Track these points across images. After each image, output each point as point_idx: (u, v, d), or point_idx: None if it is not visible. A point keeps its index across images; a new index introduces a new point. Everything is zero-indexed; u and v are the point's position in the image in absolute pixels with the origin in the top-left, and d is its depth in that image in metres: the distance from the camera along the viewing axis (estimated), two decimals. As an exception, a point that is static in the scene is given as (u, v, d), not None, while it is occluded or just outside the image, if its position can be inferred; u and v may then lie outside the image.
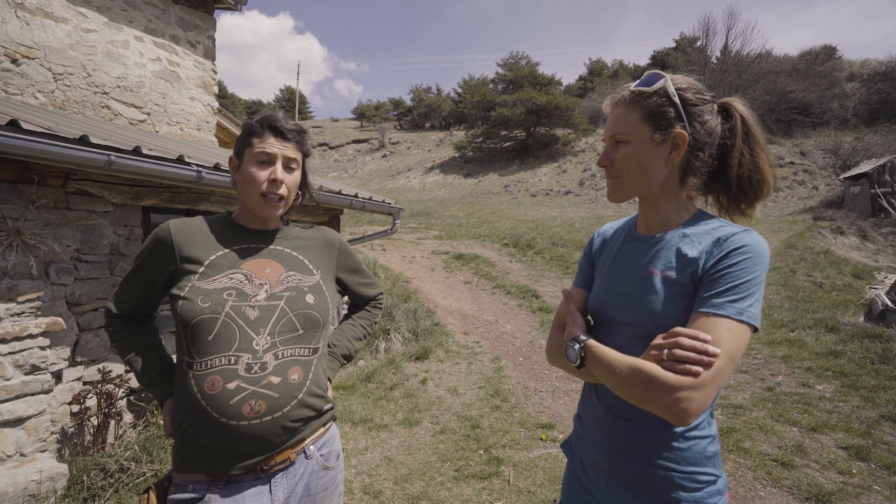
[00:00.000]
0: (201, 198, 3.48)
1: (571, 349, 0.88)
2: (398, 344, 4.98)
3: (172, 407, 1.00)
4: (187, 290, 0.96)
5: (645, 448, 0.85)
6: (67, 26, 4.30)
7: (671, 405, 0.72)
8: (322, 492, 1.05)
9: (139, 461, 2.51)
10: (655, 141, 0.85)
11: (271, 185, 1.03)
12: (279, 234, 1.12)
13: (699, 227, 0.87)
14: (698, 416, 0.73)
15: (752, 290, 0.77)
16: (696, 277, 0.82)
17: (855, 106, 24.09)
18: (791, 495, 2.45)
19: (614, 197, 0.93)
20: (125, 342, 1.09)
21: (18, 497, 2.07)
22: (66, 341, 2.66)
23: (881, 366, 4.16)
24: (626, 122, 0.87)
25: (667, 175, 0.88)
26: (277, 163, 1.03)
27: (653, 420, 0.84)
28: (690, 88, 0.87)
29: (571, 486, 1.02)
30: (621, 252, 0.98)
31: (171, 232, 1.02)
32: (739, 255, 0.78)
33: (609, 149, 0.91)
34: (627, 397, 0.79)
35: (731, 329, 0.74)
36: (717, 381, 0.72)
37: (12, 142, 1.99)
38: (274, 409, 0.94)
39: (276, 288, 1.01)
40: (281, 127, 1.03)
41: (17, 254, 2.39)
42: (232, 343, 0.94)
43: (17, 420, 2.29)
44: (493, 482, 2.60)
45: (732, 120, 0.88)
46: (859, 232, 12.25)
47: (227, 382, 0.92)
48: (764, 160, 0.87)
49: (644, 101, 0.86)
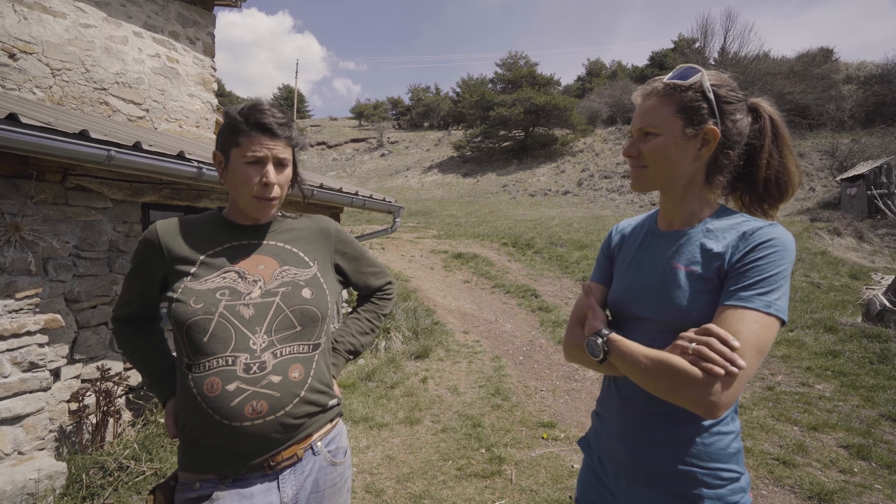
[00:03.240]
0: (201, 194, 3.45)
1: (594, 343, 0.87)
2: (398, 343, 4.96)
3: (175, 408, 0.99)
4: (180, 292, 0.94)
5: (666, 443, 0.84)
6: (66, 21, 4.26)
7: (700, 399, 0.71)
8: (330, 487, 1.04)
9: (139, 459, 2.49)
10: (687, 135, 0.85)
11: (263, 188, 0.98)
12: (271, 228, 1.08)
13: (723, 222, 0.87)
14: (727, 409, 0.72)
15: (779, 284, 0.76)
16: (721, 272, 0.81)
17: (851, 108, 24.20)
18: (793, 494, 2.45)
19: (638, 186, 0.93)
20: (128, 345, 1.09)
21: (17, 495, 2.04)
22: (65, 339, 2.64)
23: (880, 365, 4.17)
24: (658, 115, 0.87)
25: (694, 171, 0.88)
26: (269, 164, 0.98)
27: (675, 414, 0.83)
28: (724, 85, 0.87)
29: (588, 482, 1.01)
30: (642, 248, 0.97)
31: (158, 234, 1.00)
32: (767, 249, 0.78)
33: (637, 139, 0.90)
34: (652, 390, 0.78)
35: (760, 322, 0.74)
36: (747, 375, 0.72)
37: (11, 136, 1.97)
38: (276, 408, 0.92)
39: (270, 284, 0.99)
40: (269, 124, 0.97)
41: (16, 250, 2.37)
42: (228, 343, 0.92)
43: (16, 418, 2.26)
44: (496, 481, 2.59)
45: (762, 121, 0.88)
46: (856, 233, 12.30)
47: (226, 384, 0.90)
48: (792, 161, 0.88)
49: (678, 94, 0.86)
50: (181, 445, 0.96)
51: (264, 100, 1.03)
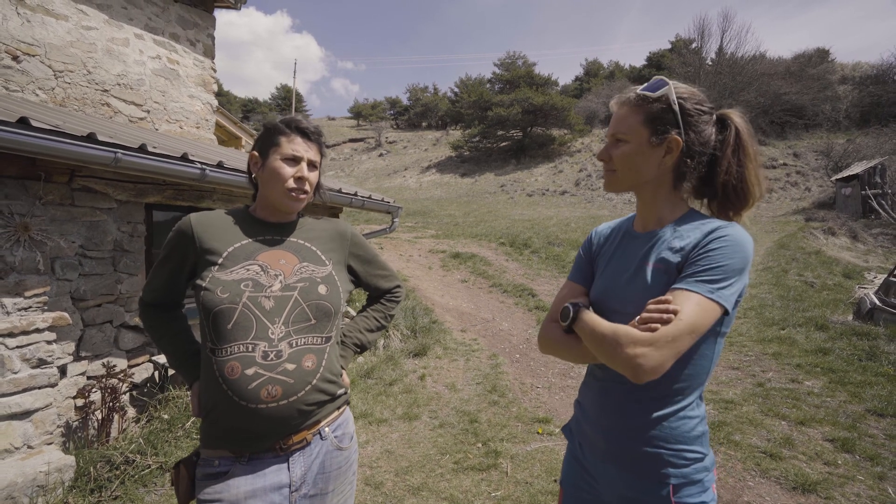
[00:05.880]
0: (203, 195, 3.52)
1: (566, 309, 0.96)
2: (397, 341, 5.03)
3: (199, 390, 1.06)
4: (208, 281, 1.02)
5: (637, 428, 0.92)
6: (68, 23, 4.32)
7: (629, 360, 0.79)
8: (336, 470, 1.11)
9: (144, 454, 2.56)
10: (652, 144, 0.93)
11: (298, 181, 1.11)
12: (293, 226, 1.17)
13: (689, 224, 0.94)
14: (653, 375, 0.79)
15: (727, 275, 0.83)
16: (681, 265, 0.88)
17: (847, 108, 24.37)
18: (779, 485, 2.53)
19: (609, 188, 1.01)
20: (156, 328, 1.16)
21: (28, 487, 2.11)
22: (71, 336, 2.70)
23: (868, 362, 4.27)
24: (627, 123, 0.95)
25: (659, 175, 0.95)
26: (303, 162, 1.12)
27: (646, 402, 0.91)
28: (691, 99, 0.93)
29: (571, 466, 1.08)
30: (619, 249, 1.04)
31: (192, 224, 1.08)
32: (720, 243, 0.85)
33: (610, 145, 0.98)
34: (601, 356, 0.86)
35: (700, 304, 0.80)
36: (675, 345, 0.79)
37: (22, 139, 2.03)
38: (289, 393, 1.00)
39: (290, 279, 1.07)
40: (307, 129, 1.13)
41: (25, 249, 2.43)
42: (249, 331, 0.99)
43: (25, 413, 2.33)
44: (492, 474, 2.67)
45: (727, 131, 0.94)
46: (850, 233, 12.43)
47: (245, 368, 0.97)
48: (751, 172, 0.93)
49: (647, 105, 0.93)
50: (203, 424, 1.04)
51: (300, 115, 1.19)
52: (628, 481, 0.93)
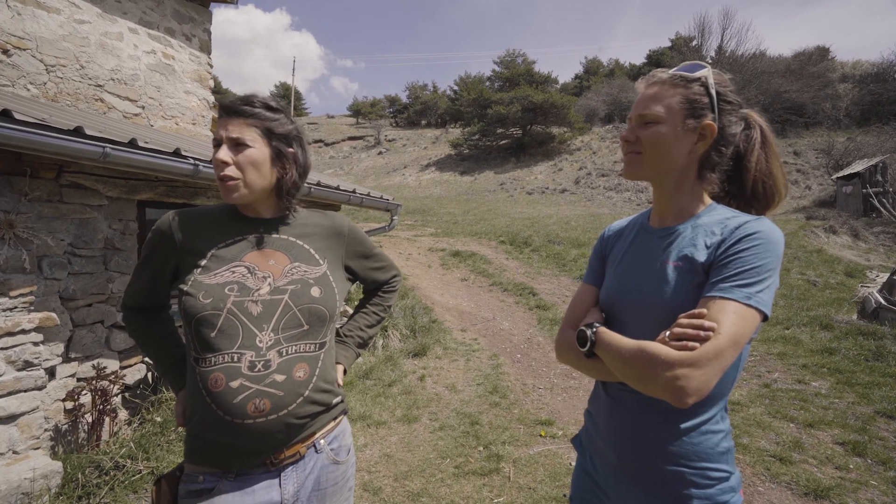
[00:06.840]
0: (197, 192, 3.43)
1: (583, 333, 0.88)
2: (396, 341, 4.96)
3: (186, 398, 0.98)
4: (190, 285, 0.93)
5: (655, 443, 0.84)
6: (60, 17, 4.22)
7: (669, 382, 0.70)
8: (332, 486, 1.03)
9: (135, 458, 2.48)
10: (687, 127, 0.86)
11: (217, 168, 0.95)
12: (283, 222, 1.06)
13: (712, 217, 0.87)
14: (697, 398, 0.71)
15: (762, 277, 0.75)
16: (707, 265, 0.81)
17: (847, 107, 24.29)
18: (790, 490, 2.46)
19: (630, 172, 0.92)
20: (139, 333, 1.08)
21: (12, 495, 2.03)
22: (60, 337, 2.62)
23: (875, 363, 4.20)
24: (661, 103, 0.87)
25: (686, 164, 0.88)
26: (223, 143, 0.95)
27: (662, 414, 0.83)
28: (726, 86, 0.89)
29: (582, 482, 1.01)
30: (633, 245, 0.97)
31: (172, 223, 0.99)
32: (750, 241, 0.77)
33: (636, 126, 0.90)
34: (631, 380, 0.78)
35: (739, 313, 0.73)
36: (719, 362, 0.71)
37: (4, 132, 1.94)
38: (279, 407, 0.92)
39: (279, 281, 0.97)
40: (227, 104, 0.96)
41: (10, 247, 2.34)
42: (235, 340, 0.91)
43: (10, 417, 2.24)
44: (494, 479, 2.59)
45: (752, 129, 0.91)
46: (851, 231, 12.37)
47: (230, 381, 0.89)
48: (778, 168, 0.90)
49: (684, 85, 0.86)
50: (187, 437, 0.96)
51: (257, 92, 1.01)
52: (645, 501, 0.85)
